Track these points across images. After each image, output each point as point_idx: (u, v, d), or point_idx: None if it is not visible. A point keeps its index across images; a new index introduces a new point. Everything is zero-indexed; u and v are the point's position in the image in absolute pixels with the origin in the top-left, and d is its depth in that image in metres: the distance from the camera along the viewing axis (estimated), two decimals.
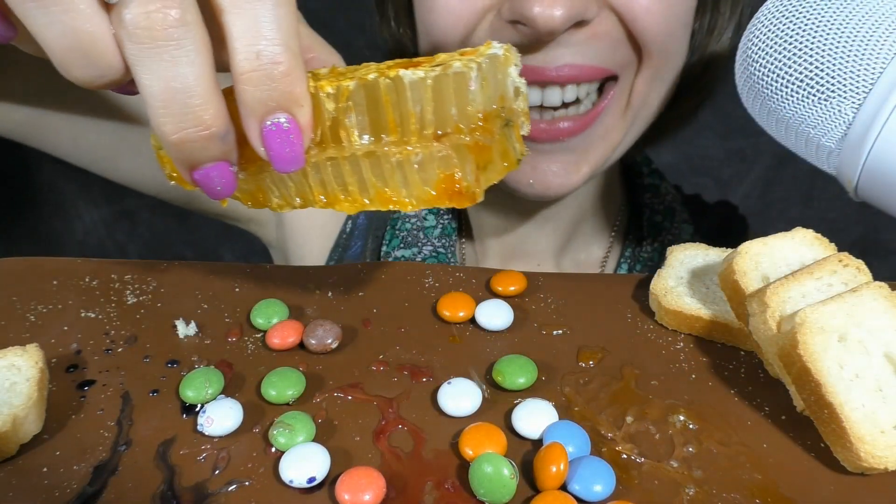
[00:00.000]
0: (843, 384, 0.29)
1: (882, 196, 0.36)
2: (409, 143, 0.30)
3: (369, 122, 0.30)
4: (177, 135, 0.27)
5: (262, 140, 0.29)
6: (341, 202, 0.32)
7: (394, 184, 0.31)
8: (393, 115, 0.30)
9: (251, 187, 0.32)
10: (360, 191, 0.31)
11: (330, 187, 0.31)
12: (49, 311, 0.37)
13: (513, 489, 0.27)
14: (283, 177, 0.31)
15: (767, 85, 0.38)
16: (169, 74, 0.27)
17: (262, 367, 0.33)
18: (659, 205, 0.64)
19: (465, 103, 0.29)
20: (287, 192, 0.32)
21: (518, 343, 0.35)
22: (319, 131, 0.30)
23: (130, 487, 0.28)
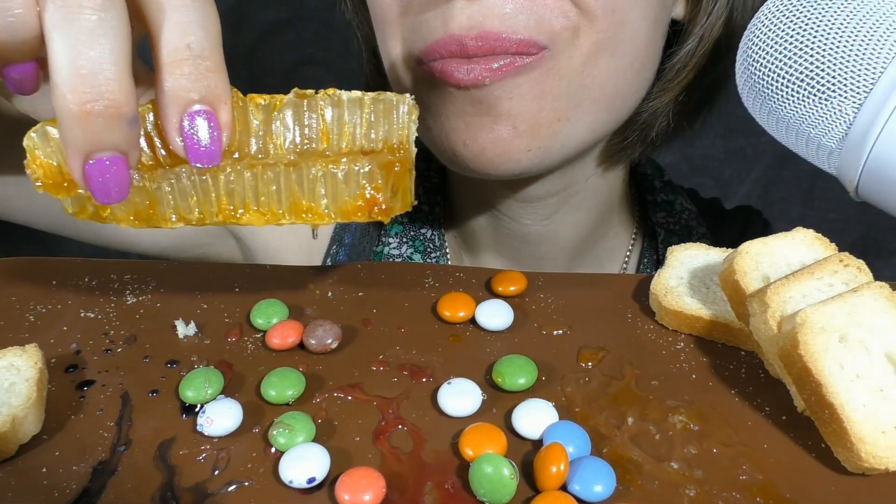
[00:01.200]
0: (843, 384, 0.29)
1: (883, 196, 0.36)
2: (339, 156, 0.31)
3: (299, 134, 0.31)
4: (81, 107, 0.26)
5: (181, 131, 0.28)
6: (251, 214, 0.31)
7: (315, 195, 0.31)
8: (327, 127, 0.31)
9: (142, 200, 0.30)
10: (274, 202, 0.31)
11: (239, 198, 0.31)
12: (48, 311, 0.37)
13: (513, 489, 0.27)
14: (185, 189, 0.30)
15: (768, 84, 0.38)
16: (85, 41, 0.26)
17: (262, 368, 0.33)
18: (675, 225, 0.60)
19: (394, 127, 0.31)
20: (186, 205, 0.31)
21: (518, 343, 0.35)
22: (237, 140, 0.30)
23: (130, 488, 0.28)
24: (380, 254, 0.60)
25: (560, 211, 0.54)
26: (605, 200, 0.57)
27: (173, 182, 0.30)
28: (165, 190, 0.30)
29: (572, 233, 0.56)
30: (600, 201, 0.56)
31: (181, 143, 0.28)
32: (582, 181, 0.53)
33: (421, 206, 0.60)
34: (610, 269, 0.61)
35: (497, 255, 0.59)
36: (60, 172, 0.29)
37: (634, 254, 0.61)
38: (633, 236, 0.62)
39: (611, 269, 0.61)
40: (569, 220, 0.55)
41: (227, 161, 0.30)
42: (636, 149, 0.53)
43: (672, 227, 0.61)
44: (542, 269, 0.57)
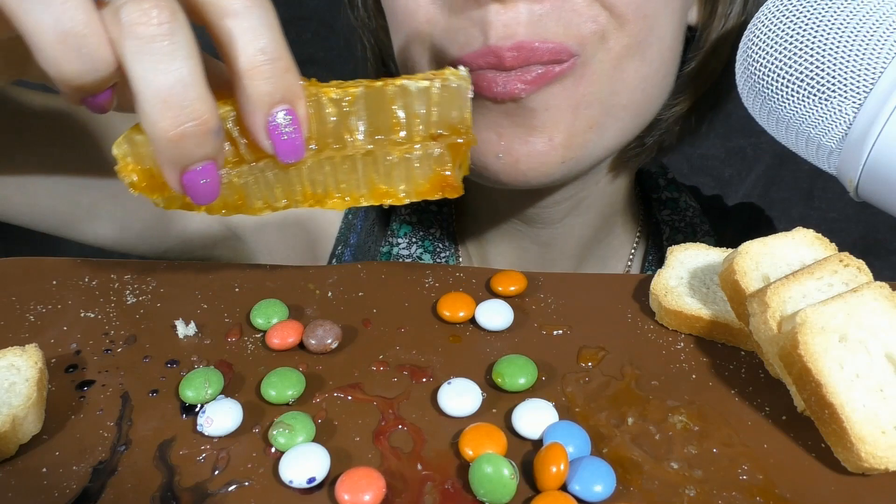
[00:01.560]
0: (843, 384, 0.29)
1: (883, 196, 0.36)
2: (411, 142, 0.33)
3: (372, 124, 0.33)
4: (175, 130, 0.28)
5: (268, 132, 0.30)
6: (333, 199, 0.34)
7: (391, 180, 0.34)
8: (397, 117, 0.33)
9: (231, 194, 0.33)
10: (354, 188, 0.34)
11: (321, 186, 0.34)
12: (48, 311, 0.37)
13: (513, 489, 0.27)
14: (269, 181, 0.32)
15: (768, 84, 0.38)
16: (167, 69, 0.27)
17: (262, 368, 0.33)
18: (679, 222, 0.60)
19: (455, 108, 0.34)
20: (272, 194, 0.33)
21: (518, 343, 0.35)
22: (316, 131, 0.32)
23: (130, 488, 0.28)
24: (387, 254, 0.59)
25: (571, 214, 0.54)
26: (613, 201, 0.57)
27: (258, 175, 0.33)
28: (252, 184, 0.33)
29: (580, 234, 0.56)
30: (608, 202, 0.57)
31: (270, 143, 0.31)
32: (593, 185, 0.53)
33: (430, 207, 0.60)
34: (614, 267, 0.61)
35: (506, 255, 0.59)
36: (153, 175, 0.31)
37: (639, 252, 0.62)
38: (638, 234, 0.62)
39: (615, 267, 0.61)
40: (578, 222, 0.55)
41: (307, 154, 0.32)
42: (651, 154, 0.53)
43: (677, 225, 0.61)
44: (549, 268, 0.57)
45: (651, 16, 0.42)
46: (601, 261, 0.60)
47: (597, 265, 0.59)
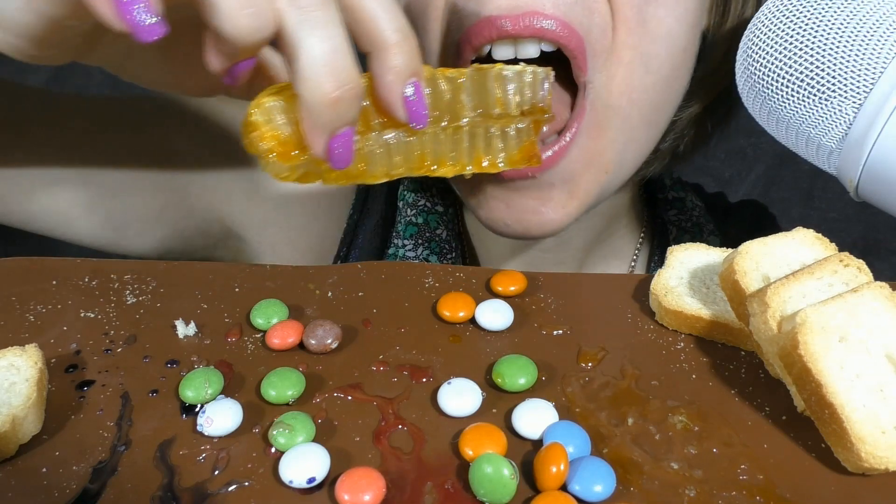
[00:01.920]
0: (843, 384, 0.29)
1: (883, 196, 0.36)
2: (510, 117, 0.38)
3: (477, 102, 0.37)
4: (336, 92, 0.30)
5: (404, 102, 0.33)
6: (445, 167, 0.38)
7: (492, 150, 0.39)
8: (496, 95, 0.37)
9: (356, 162, 0.35)
10: (464, 157, 0.38)
11: (435, 156, 0.37)
12: (48, 311, 0.37)
13: (513, 489, 0.27)
14: (392, 150, 0.36)
15: (768, 84, 0.38)
16: (327, 35, 0.30)
17: (262, 368, 0.33)
18: (686, 222, 0.60)
19: (539, 92, 0.38)
20: (391, 162, 0.36)
21: (518, 343, 0.35)
22: (433, 105, 0.36)
23: (130, 488, 0.28)
24: (392, 255, 0.59)
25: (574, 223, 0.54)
26: (618, 204, 0.57)
27: (383, 144, 0.36)
28: (377, 152, 0.36)
29: (585, 236, 0.57)
30: (613, 206, 0.57)
31: (405, 111, 0.34)
32: None
33: (435, 208, 0.60)
34: (618, 267, 0.61)
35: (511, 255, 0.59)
36: (290, 142, 0.34)
37: (643, 252, 0.61)
38: (642, 235, 0.61)
39: (619, 268, 0.61)
40: (583, 226, 0.55)
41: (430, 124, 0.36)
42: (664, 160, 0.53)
43: (684, 225, 0.60)
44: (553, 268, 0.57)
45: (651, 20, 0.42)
46: (605, 261, 0.60)
47: (601, 266, 0.59)
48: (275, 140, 0.33)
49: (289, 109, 0.33)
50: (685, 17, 0.44)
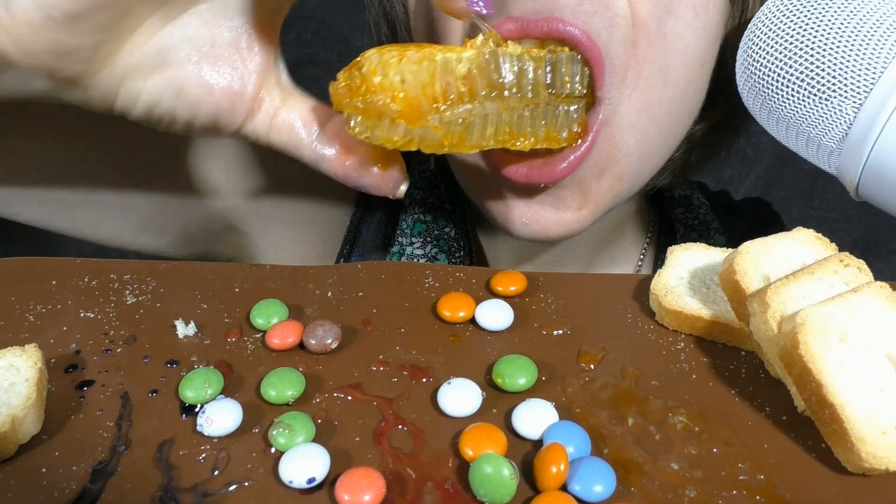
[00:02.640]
0: (844, 384, 0.29)
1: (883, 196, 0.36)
2: (570, 97, 0.40)
3: (549, 80, 0.39)
4: None
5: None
6: (521, 142, 0.39)
7: (559, 126, 0.40)
8: (562, 75, 0.40)
9: (460, 129, 0.37)
10: (539, 132, 0.40)
11: (517, 129, 0.39)
12: (48, 311, 0.37)
13: (513, 490, 0.27)
14: (487, 120, 0.37)
15: (768, 84, 0.38)
16: None
17: (262, 368, 0.33)
18: (693, 220, 0.60)
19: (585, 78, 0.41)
20: (483, 133, 0.38)
21: (518, 343, 0.35)
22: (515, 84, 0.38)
23: (130, 488, 0.28)
24: (398, 254, 0.59)
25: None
26: (626, 208, 0.57)
27: (481, 114, 0.37)
28: (475, 122, 0.37)
29: (593, 239, 0.56)
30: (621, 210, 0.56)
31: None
32: None
33: (444, 205, 0.60)
34: (624, 267, 0.60)
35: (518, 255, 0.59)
36: (418, 105, 0.35)
37: (650, 251, 0.61)
38: (649, 234, 0.61)
39: (625, 267, 0.60)
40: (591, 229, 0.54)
41: (515, 100, 0.38)
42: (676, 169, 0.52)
43: (691, 223, 0.60)
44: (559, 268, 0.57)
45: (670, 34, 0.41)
46: (611, 261, 0.59)
47: (607, 265, 0.59)
48: (400, 103, 0.34)
49: (408, 70, 0.34)
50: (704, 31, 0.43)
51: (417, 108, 0.35)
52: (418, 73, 0.34)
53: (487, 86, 0.37)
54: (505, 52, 0.37)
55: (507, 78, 0.37)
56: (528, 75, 0.38)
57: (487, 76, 0.37)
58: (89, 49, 0.30)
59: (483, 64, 0.36)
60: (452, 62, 0.35)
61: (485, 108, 0.37)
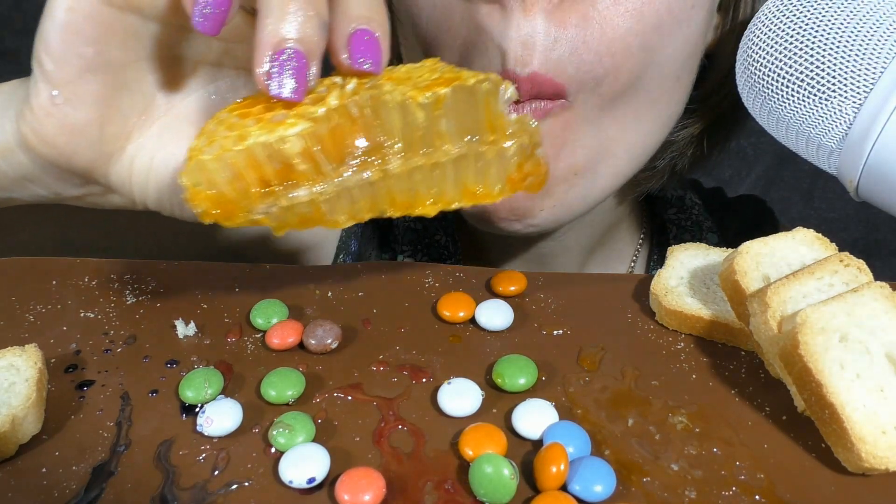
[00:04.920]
0: (843, 384, 0.29)
1: (883, 196, 0.36)
2: (506, 138, 0.32)
3: (461, 126, 0.31)
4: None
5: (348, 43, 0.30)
6: (424, 206, 0.33)
7: (486, 178, 0.33)
8: (490, 115, 0.31)
9: (309, 210, 0.31)
10: (447, 191, 0.33)
11: (410, 194, 0.32)
12: (48, 311, 0.37)
13: (513, 489, 0.27)
14: (355, 194, 0.31)
15: (768, 84, 0.38)
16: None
17: (262, 368, 0.33)
18: (686, 221, 0.60)
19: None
20: (355, 207, 0.32)
21: (518, 343, 0.35)
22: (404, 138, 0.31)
23: (130, 488, 0.28)
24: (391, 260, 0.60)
25: (574, 228, 0.54)
26: (619, 211, 0.57)
27: (342, 190, 0.31)
28: (334, 199, 0.31)
29: (584, 242, 0.57)
30: (614, 212, 0.57)
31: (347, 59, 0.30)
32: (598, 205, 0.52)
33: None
34: (618, 268, 0.61)
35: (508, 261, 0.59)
36: (227, 201, 0.30)
37: (643, 253, 0.62)
38: (642, 236, 0.62)
39: (619, 268, 0.61)
40: (582, 234, 0.56)
41: (396, 163, 0.31)
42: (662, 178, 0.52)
43: (684, 224, 0.60)
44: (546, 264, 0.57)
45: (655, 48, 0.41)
46: (604, 263, 0.60)
47: (601, 266, 0.59)
48: (208, 202, 0.30)
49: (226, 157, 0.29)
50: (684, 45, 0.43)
51: (227, 206, 0.30)
52: (230, 166, 0.29)
53: (340, 157, 0.31)
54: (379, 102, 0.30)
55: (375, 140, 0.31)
56: (416, 129, 0.31)
57: (337, 144, 0.30)
58: (95, 125, 0.32)
59: (330, 132, 0.30)
60: (274, 145, 0.29)
61: (346, 182, 0.31)
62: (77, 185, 0.34)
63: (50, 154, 0.32)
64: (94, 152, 0.33)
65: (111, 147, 0.33)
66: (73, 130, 0.32)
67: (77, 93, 0.31)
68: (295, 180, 0.30)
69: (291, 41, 0.29)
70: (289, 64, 0.29)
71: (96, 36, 0.30)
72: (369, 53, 0.30)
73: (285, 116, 0.30)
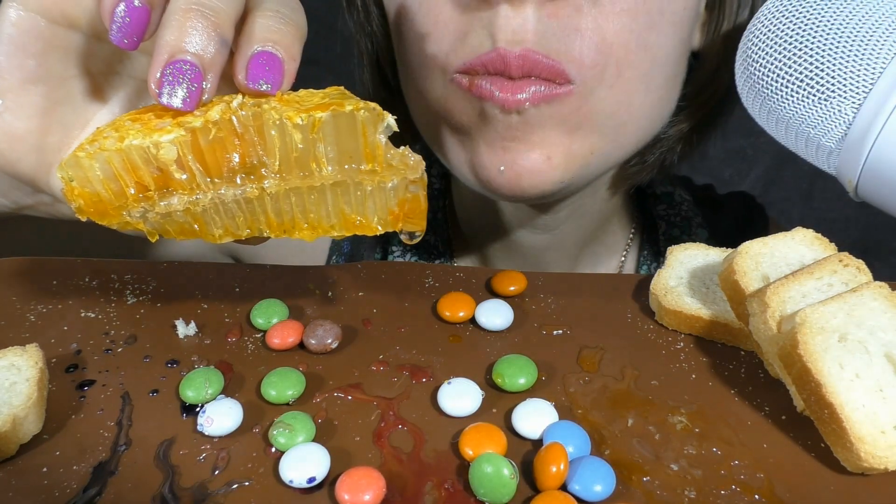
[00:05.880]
0: (843, 384, 0.29)
1: (882, 196, 0.36)
2: (383, 171, 0.31)
3: (340, 152, 0.31)
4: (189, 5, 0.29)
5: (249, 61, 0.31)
6: (301, 230, 0.32)
7: (364, 209, 0.32)
8: (370, 144, 0.31)
9: (187, 220, 0.31)
10: (324, 218, 0.32)
11: (288, 216, 0.32)
12: (49, 311, 0.37)
13: (513, 489, 0.27)
14: (232, 209, 0.31)
15: (767, 85, 0.38)
16: None
17: (262, 367, 0.33)
18: (675, 216, 0.61)
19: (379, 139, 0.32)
20: (234, 223, 0.32)
21: (518, 343, 0.35)
22: (281, 159, 0.31)
23: (130, 488, 0.28)
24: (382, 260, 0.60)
25: (568, 220, 0.55)
26: (610, 205, 0.58)
27: (218, 204, 0.31)
28: (211, 211, 0.31)
29: (577, 236, 0.57)
30: (604, 206, 0.57)
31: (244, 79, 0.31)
32: (591, 195, 0.54)
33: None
34: (609, 263, 0.61)
35: (502, 260, 0.60)
36: (101, 200, 0.31)
37: (633, 247, 0.62)
38: (633, 231, 0.62)
39: (610, 263, 0.61)
40: (575, 226, 0.56)
41: (273, 182, 0.31)
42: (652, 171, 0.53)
43: (673, 220, 0.61)
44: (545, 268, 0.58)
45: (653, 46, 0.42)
46: (596, 258, 0.60)
47: (592, 262, 0.60)
48: (82, 199, 0.30)
49: (102, 156, 0.30)
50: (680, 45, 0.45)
51: (100, 204, 0.31)
52: (106, 164, 0.30)
53: (218, 170, 0.31)
54: (259, 120, 0.30)
55: (253, 157, 0.31)
56: (293, 150, 0.31)
57: (216, 157, 0.30)
58: (35, 135, 0.33)
59: (210, 144, 0.30)
60: (150, 149, 0.30)
61: (222, 196, 0.31)
62: (28, 193, 0.35)
63: None
64: (35, 161, 0.33)
65: (52, 157, 0.34)
66: (14, 138, 0.33)
67: (19, 103, 0.32)
68: (172, 188, 0.31)
69: (187, 54, 0.29)
70: (182, 75, 0.29)
71: (38, 50, 0.31)
72: (268, 75, 0.31)
73: (167, 124, 0.30)
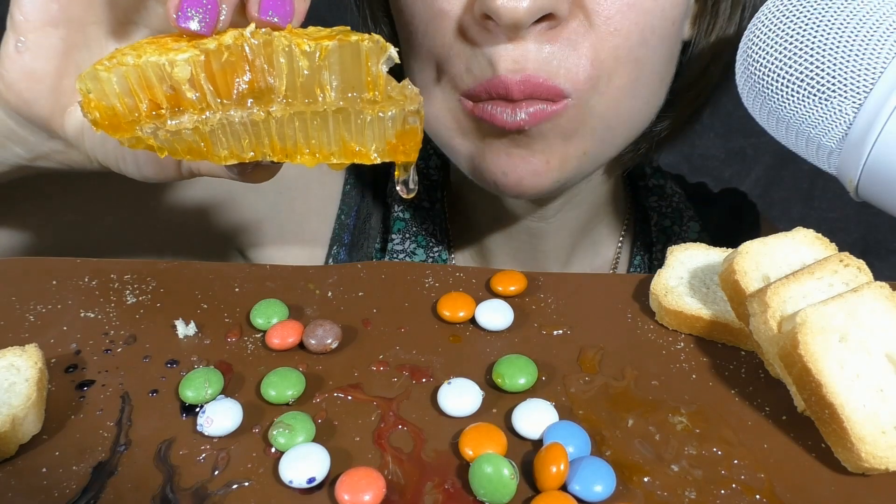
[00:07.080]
0: (843, 384, 0.29)
1: (883, 196, 0.36)
2: (387, 101, 0.32)
3: (345, 81, 0.32)
4: None
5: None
6: (303, 155, 0.34)
7: (363, 138, 0.33)
8: (371, 74, 0.32)
9: (195, 139, 0.32)
10: (325, 145, 0.33)
11: (291, 141, 0.33)
12: (48, 311, 0.37)
13: (513, 489, 0.27)
14: (238, 130, 0.32)
15: (768, 84, 0.38)
16: None
17: (262, 368, 0.33)
18: (667, 208, 0.63)
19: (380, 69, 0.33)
20: (239, 145, 0.33)
21: (518, 343, 0.35)
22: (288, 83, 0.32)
23: (130, 488, 0.28)
24: (381, 250, 0.61)
25: (563, 209, 0.57)
26: (603, 194, 0.59)
27: (225, 124, 0.32)
28: (218, 131, 0.32)
29: (572, 225, 0.58)
30: (599, 195, 0.59)
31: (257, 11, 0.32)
32: (586, 183, 0.55)
33: (422, 203, 0.62)
34: (604, 254, 0.63)
35: (499, 248, 0.61)
36: (116, 114, 0.32)
37: (627, 238, 0.64)
38: (626, 222, 0.64)
39: (604, 254, 0.63)
40: (570, 216, 0.58)
41: (279, 106, 0.32)
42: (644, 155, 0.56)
43: (664, 211, 0.63)
44: (541, 260, 0.60)
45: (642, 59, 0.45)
46: (591, 248, 0.62)
47: (586, 252, 0.61)
48: (99, 111, 0.32)
49: (119, 71, 0.31)
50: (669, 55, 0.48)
51: (115, 118, 0.32)
52: (123, 79, 0.31)
53: (228, 92, 0.32)
54: (270, 47, 0.32)
55: (262, 81, 0.32)
56: (299, 76, 0.32)
57: (226, 79, 0.32)
58: (52, 76, 0.35)
59: (222, 67, 0.31)
60: (165, 66, 0.31)
61: (230, 116, 0.32)
62: (43, 138, 0.37)
63: (14, 101, 0.36)
64: (51, 102, 0.36)
65: (67, 100, 0.36)
66: (32, 78, 0.35)
67: (39, 43, 0.35)
68: (183, 108, 0.32)
69: None
70: (199, 1, 0.31)
71: None
72: (279, 9, 0.32)
73: (183, 46, 0.31)
